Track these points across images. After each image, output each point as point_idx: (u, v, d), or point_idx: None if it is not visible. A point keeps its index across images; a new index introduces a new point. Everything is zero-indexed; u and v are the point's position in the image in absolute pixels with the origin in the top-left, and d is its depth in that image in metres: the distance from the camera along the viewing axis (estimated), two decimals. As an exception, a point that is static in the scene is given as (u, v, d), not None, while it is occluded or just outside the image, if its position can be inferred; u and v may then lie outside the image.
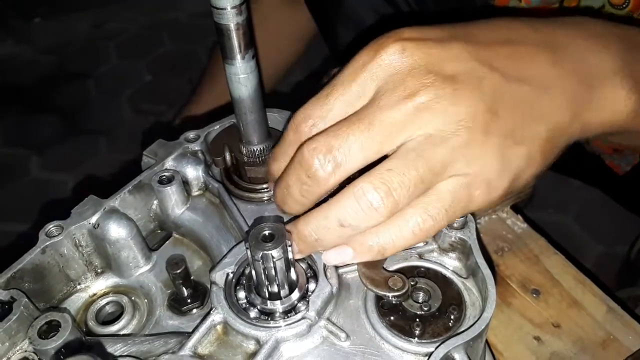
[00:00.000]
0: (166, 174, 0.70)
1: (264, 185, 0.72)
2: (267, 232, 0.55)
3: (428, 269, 0.63)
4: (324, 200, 0.57)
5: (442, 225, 0.55)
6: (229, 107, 0.69)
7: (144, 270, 0.70)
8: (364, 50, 0.57)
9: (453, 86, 0.54)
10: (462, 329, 0.57)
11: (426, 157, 0.53)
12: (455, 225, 0.62)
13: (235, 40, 0.60)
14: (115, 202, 0.68)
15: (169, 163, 0.73)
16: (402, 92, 0.54)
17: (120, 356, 0.56)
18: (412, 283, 0.61)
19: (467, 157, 0.54)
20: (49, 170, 2.27)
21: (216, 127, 0.77)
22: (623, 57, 0.62)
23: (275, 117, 0.78)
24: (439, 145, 0.53)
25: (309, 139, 0.56)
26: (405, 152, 0.54)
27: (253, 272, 0.58)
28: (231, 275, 0.61)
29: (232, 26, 0.59)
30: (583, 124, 0.61)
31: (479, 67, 0.56)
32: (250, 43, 0.61)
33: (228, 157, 0.73)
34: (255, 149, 0.70)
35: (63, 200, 2.03)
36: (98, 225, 0.66)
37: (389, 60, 0.55)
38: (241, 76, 0.63)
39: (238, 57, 0.61)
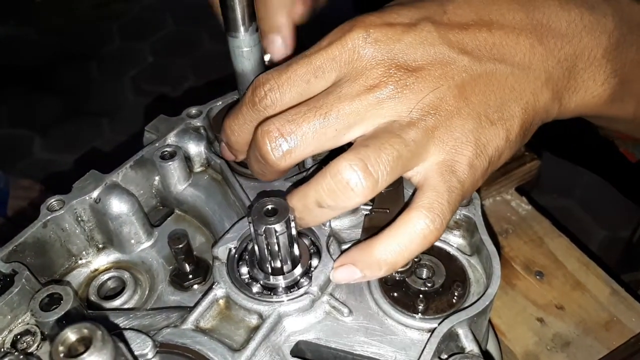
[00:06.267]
0: (168, 149, 0.70)
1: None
2: (270, 207, 0.55)
3: (432, 246, 0.62)
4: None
5: (449, 220, 0.53)
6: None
7: (145, 246, 0.69)
8: (332, 32, 0.56)
9: (416, 75, 0.53)
10: (466, 305, 0.57)
11: (399, 134, 0.52)
12: (460, 202, 0.61)
13: (239, 12, 0.59)
14: (116, 177, 0.68)
15: (171, 139, 0.72)
16: (363, 82, 0.53)
17: (124, 328, 0.56)
18: (415, 259, 0.60)
19: (440, 140, 0.53)
20: (52, 151, 2.27)
21: (218, 103, 0.76)
22: (617, 36, 0.60)
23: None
24: (408, 127, 0.53)
25: (266, 120, 0.56)
26: (378, 131, 0.53)
27: (256, 247, 0.57)
28: (234, 250, 0.61)
29: (236, -3, 0.58)
30: (561, 104, 0.60)
31: (447, 51, 0.54)
32: (253, 15, 0.60)
33: (231, 133, 0.72)
34: (258, 125, 0.70)
35: (65, 173, 2.03)
36: (99, 200, 0.66)
37: (352, 45, 0.54)
38: (244, 49, 0.62)
39: (242, 29, 0.61)
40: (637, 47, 0.61)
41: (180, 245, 0.62)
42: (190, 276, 0.65)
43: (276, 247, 0.55)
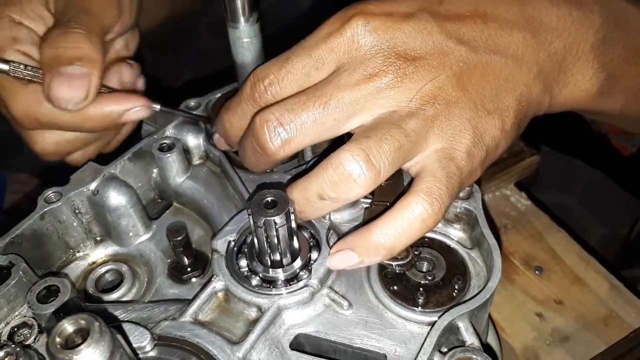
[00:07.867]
0: (167, 141, 0.69)
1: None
2: (269, 199, 0.54)
3: (432, 239, 0.62)
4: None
5: (448, 206, 0.53)
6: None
7: (143, 238, 0.69)
8: (329, 21, 0.56)
9: (416, 64, 0.53)
10: (467, 298, 0.56)
11: (399, 125, 0.52)
12: (461, 195, 0.61)
13: (240, 2, 0.59)
14: (115, 169, 0.67)
15: (170, 131, 0.72)
16: (362, 71, 0.53)
17: (122, 321, 0.55)
18: (416, 252, 0.60)
19: (440, 129, 0.53)
20: (49, 147, 2.25)
21: (217, 95, 0.76)
22: (604, 32, 0.60)
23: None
24: (408, 117, 0.53)
25: (264, 108, 0.55)
26: (378, 122, 0.53)
27: (255, 240, 0.57)
28: (233, 243, 0.60)
29: (237, -13, 0.58)
30: (552, 97, 0.60)
31: (445, 41, 0.55)
32: (254, 6, 0.60)
33: (230, 125, 0.72)
34: (258, 117, 0.69)
35: (61, 168, 2.02)
36: (97, 192, 0.65)
37: (351, 34, 0.54)
38: (245, 40, 0.62)
39: (242, 20, 0.60)
40: (624, 44, 0.62)
41: (179, 238, 0.62)
42: (189, 269, 0.64)
43: (275, 240, 0.55)
